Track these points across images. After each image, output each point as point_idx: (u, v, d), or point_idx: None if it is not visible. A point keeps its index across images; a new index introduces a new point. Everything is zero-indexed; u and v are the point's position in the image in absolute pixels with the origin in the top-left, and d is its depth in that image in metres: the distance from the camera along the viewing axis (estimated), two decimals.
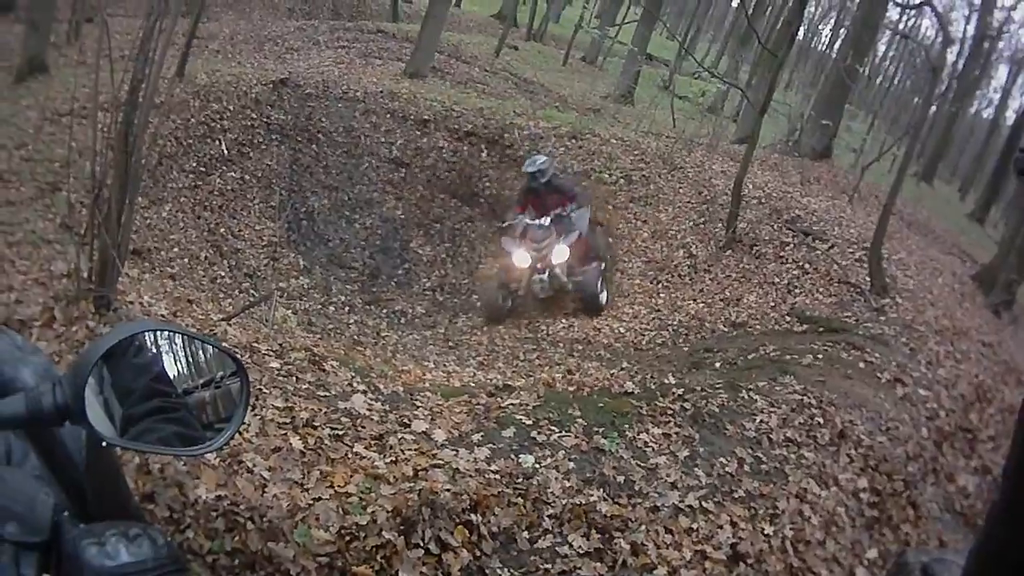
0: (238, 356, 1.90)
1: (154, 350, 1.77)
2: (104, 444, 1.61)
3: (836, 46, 61.42)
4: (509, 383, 8.72)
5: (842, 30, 69.56)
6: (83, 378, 1.55)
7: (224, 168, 16.78)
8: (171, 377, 1.77)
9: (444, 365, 11.61)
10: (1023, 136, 40.31)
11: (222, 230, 15.52)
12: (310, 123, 18.90)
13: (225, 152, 16.93)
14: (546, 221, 14.90)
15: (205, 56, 21.80)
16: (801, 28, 38.63)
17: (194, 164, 16.09)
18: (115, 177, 7.42)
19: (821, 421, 8.75)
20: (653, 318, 13.73)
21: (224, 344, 1.91)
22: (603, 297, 14.88)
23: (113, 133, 7.41)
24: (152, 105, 7.79)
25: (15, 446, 1.79)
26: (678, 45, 38.13)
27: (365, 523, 5.34)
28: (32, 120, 14.26)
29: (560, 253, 14.53)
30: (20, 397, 1.57)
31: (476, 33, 39.24)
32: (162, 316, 8.25)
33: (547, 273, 14.60)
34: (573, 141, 19.62)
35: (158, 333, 1.80)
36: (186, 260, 13.51)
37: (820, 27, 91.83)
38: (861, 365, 10.62)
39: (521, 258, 14.67)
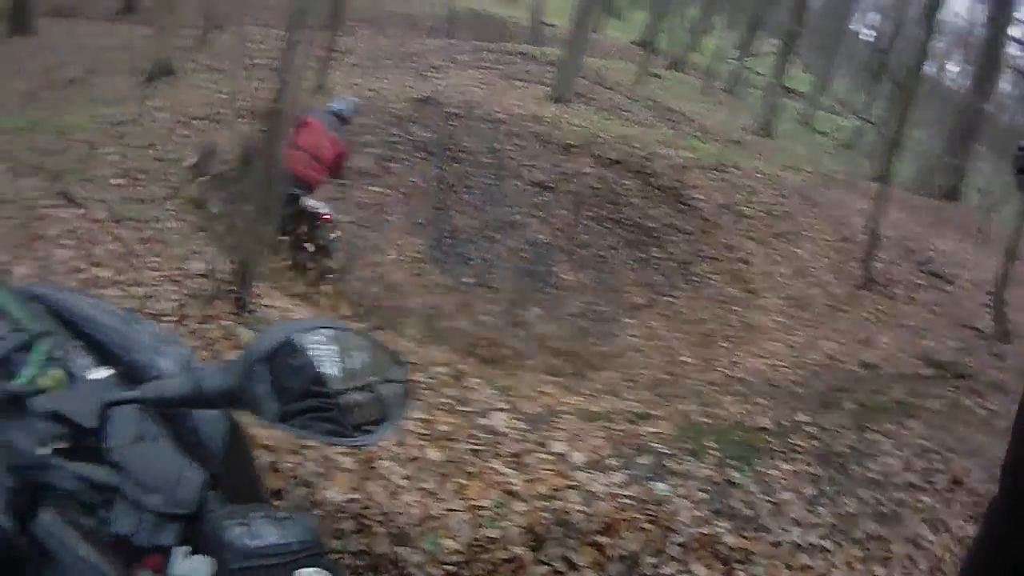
0: (403, 358, 1.96)
1: (313, 351, 1.80)
2: (268, 425, 1.68)
3: (963, 84, 60.44)
4: (649, 411, 8.74)
5: (968, 68, 68.54)
6: (251, 365, 1.63)
7: (366, 182, 16.92)
8: (328, 378, 1.80)
9: (583, 390, 11.65)
10: None
11: (362, 243, 15.65)
12: (453, 142, 18.92)
13: (367, 167, 17.08)
14: None
15: (344, 70, 22.05)
16: (930, 64, 38.15)
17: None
18: (258, 183, 7.57)
19: (941, 467, 8.66)
20: (789, 356, 13.52)
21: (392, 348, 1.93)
22: None
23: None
24: (293, 114, 7.93)
25: (148, 430, 1.83)
26: (814, 78, 37.92)
27: (496, 537, 5.38)
28: (161, 121, 14.60)
29: None
30: (186, 378, 1.66)
31: (617, 59, 39.08)
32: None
33: None
34: (715, 173, 19.48)
35: (321, 331, 1.84)
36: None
37: (946, 64, 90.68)
38: (981, 412, 10.44)
39: None
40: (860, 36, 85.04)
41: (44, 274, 8.05)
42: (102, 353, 2.04)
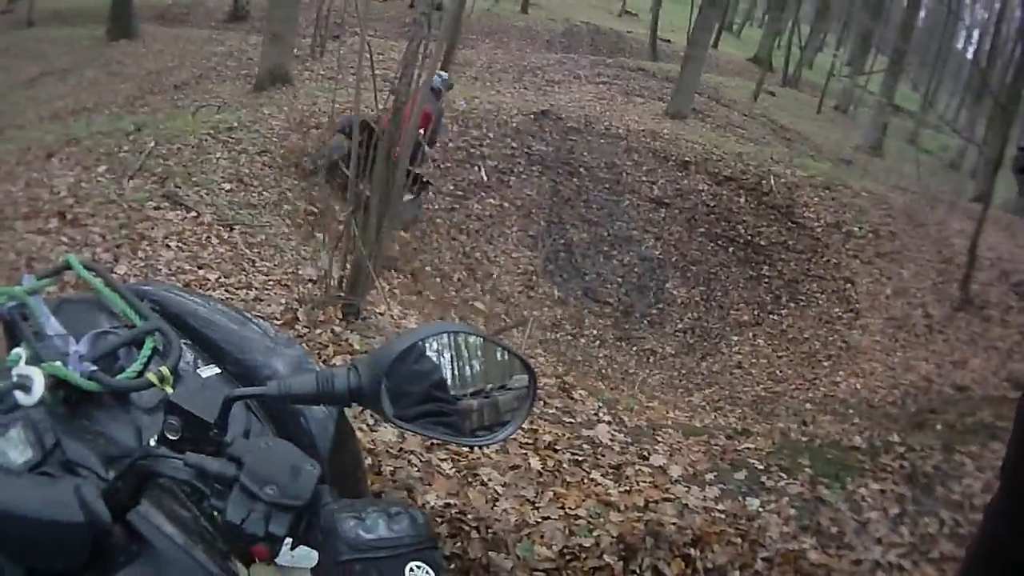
0: (532, 366, 1.99)
1: (437, 356, 1.86)
2: (393, 424, 1.75)
3: None
4: (747, 428, 8.76)
5: None
6: (382, 368, 1.69)
7: (483, 194, 17.09)
8: (447, 382, 1.86)
9: (686, 405, 11.64)
10: None
11: (477, 254, 15.78)
12: (572, 156, 19.04)
13: (484, 178, 17.27)
14: None
15: (463, 83, 22.19)
16: None
17: (451, 187, 16.55)
18: (376, 192, 7.65)
19: None
20: (887, 376, 13.49)
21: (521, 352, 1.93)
22: None
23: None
24: (413, 125, 8.00)
25: (254, 426, 1.92)
26: (920, 96, 37.47)
27: (588, 545, 5.43)
28: (275, 129, 14.78)
29: None
30: (311, 377, 1.70)
31: (733, 76, 38.87)
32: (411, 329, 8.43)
33: None
34: (826, 192, 19.27)
35: (446, 336, 1.88)
36: (438, 280, 13.85)
37: None
38: None
39: None
40: (967, 55, 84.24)
41: (148, 274, 8.22)
42: (212, 351, 2.14)
